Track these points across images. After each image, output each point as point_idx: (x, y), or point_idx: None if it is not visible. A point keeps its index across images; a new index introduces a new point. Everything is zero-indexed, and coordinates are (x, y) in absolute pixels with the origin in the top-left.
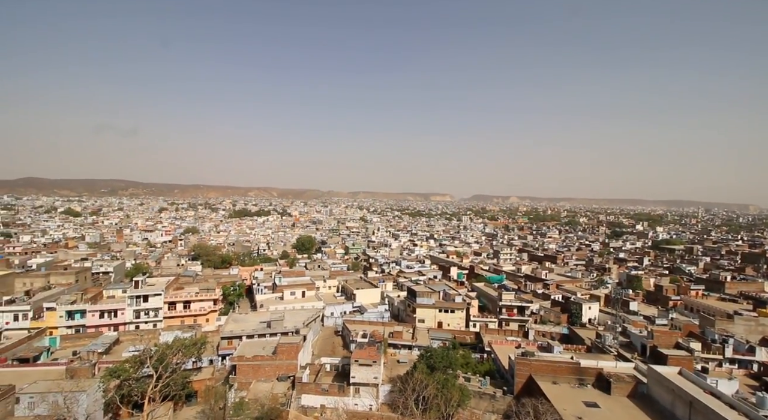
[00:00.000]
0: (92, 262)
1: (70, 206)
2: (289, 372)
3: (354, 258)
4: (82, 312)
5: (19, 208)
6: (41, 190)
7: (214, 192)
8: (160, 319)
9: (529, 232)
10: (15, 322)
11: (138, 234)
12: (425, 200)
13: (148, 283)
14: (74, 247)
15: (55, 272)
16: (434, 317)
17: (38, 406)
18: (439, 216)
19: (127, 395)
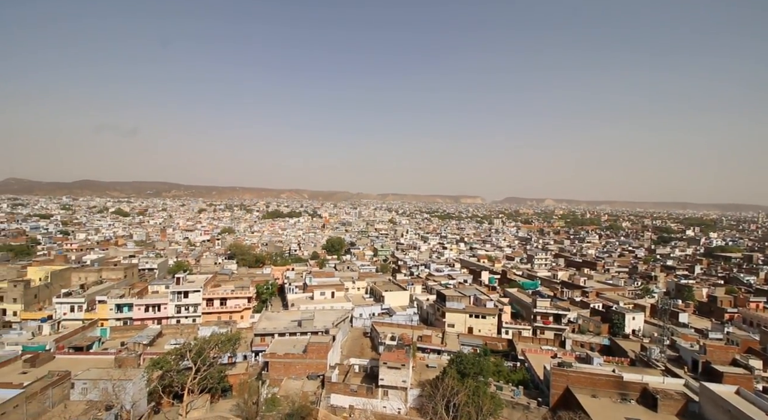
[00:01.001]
0: (139, 259)
1: (120, 207)
2: (319, 371)
3: (383, 260)
4: (129, 305)
5: (75, 209)
6: (95, 192)
7: (249, 194)
8: (199, 315)
9: (566, 237)
10: (71, 312)
11: (179, 233)
12: (455, 202)
13: (188, 280)
14: (123, 244)
15: (107, 268)
16: (464, 322)
17: (90, 392)
18: (470, 219)
19: (169, 386)
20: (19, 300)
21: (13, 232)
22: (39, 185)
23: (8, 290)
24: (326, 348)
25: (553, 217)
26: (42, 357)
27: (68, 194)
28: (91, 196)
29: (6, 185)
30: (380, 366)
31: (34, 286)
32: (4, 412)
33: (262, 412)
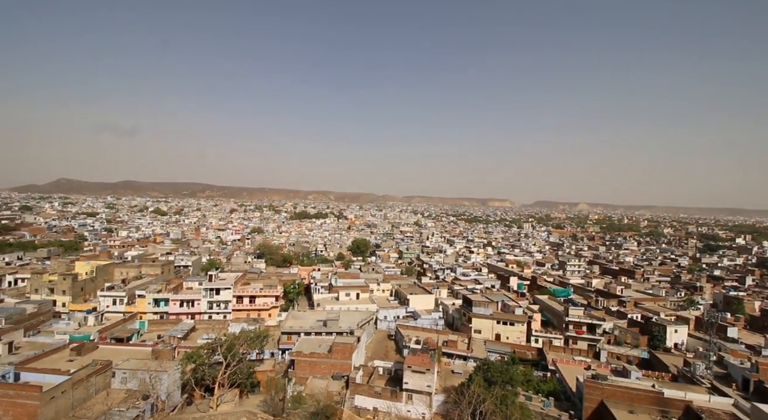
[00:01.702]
0: (175, 256)
1: (158, 206)
2: (343, 371)
3: (408, 263)
4: (165, 300)
5: (118, 208)
6: (136, 192)
7: (278, 195)
8: (230, 311)
9: (601, 243)
10: (113, 305)
11: (212, 232)
12: (482, 206)
13: (219, 277)
14: (161, 242)
15: (146, 264)
16: (491, 328)
17: (129, 382)
18: (498, 222)
19: (201, 379)
20: (68, 292)
21: (63, 229)
22: (87, 185)
23: (59, 283)
24: (351, 349)
25: (587, 222)
26: (87, 346)
27: (112, 194)
28: (133, 196)
29: (57, 185)
30: (405, 369)
31: (81, 279)
32: (53, 396)
33: (289, 409)
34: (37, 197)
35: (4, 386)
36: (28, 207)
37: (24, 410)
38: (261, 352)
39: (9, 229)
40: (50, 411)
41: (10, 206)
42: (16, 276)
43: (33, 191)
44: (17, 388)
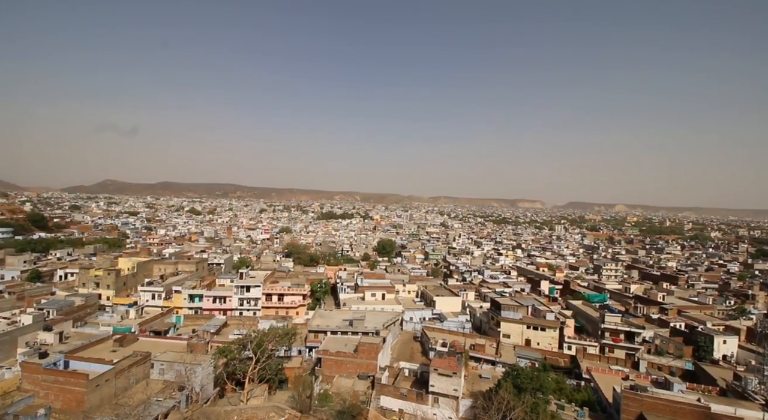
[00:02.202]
0: (208, 254)
1: (193, 206)
2: (369, 371)
3: (434, 264)
4: (200, 296)
5: (157, 207)
6: (174, 192)
7: (305, 195)
8: (259, 308)
9: (640, 247)
10: (152, 300)
11: (243, 231)
12: (512, 207)
13: (250, 275)
14: (195, 240)
15: (182, 261)
16: (521, 333)
17: (166, 373)
18: (528, 224)
19: (232, 373)
20: (112, 286)
21: (107, 227)
22: (129, 186)
23: (103, 278)
24: (376, 349)
25: (624, 224)
26: (128, 338)
27: (152, 194)
28: (170, 196)
29: (103, 186)
30: (431, 372)
31: (123, 275)
32: (98, 384)
33: (315, 406)
34: (84, 197)
35: (55, 373)
36: (77, 206)
37: (72, 396)
38: (289, 349)
39: (60, 227)
40: (95, 398)
41: (62, 206)
42: (66, 270)
43: (81, 192)
44: (67, 375)
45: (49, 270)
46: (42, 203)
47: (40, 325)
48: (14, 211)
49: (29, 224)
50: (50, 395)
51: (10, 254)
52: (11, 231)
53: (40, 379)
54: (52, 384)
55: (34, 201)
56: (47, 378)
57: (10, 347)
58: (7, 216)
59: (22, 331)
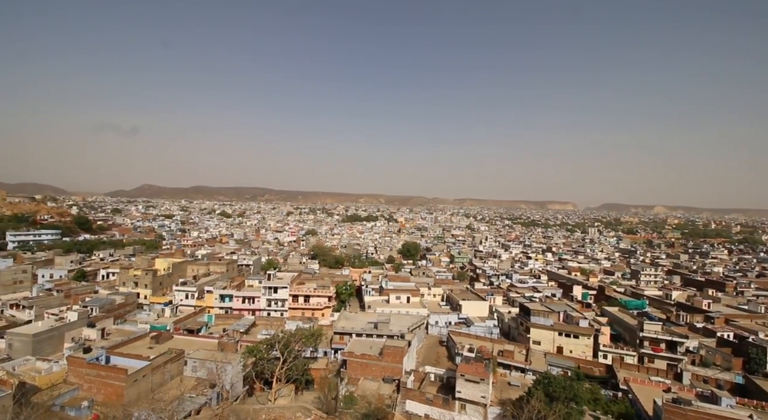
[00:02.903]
0: (238, 256)
1: (224, 209)
2: (394, 375)
3: (459, 267)
4: (230, 296)
5: (191, 210)
6: (206, 196)
7: (330, 198)
8: (286, 309)
9: (682, 250)
10: (186, 299)
11: (271, 234)
12: (541, 208)
13: (277, 276)
14: (226, 242)
15: (213, 262)
16: (552, 340)
17: (199, 370)
18: (559, 227)
19: (260, 372)
20: (149, 286)
21: (145, 229)
22: (165, 190)
23: (141, 277)
24: (402, 353)
25: (665, 227)
26: (164, 336)
27: (185, 198)
28: (203, 199)
29: (141, 190)
30: (457, 378)
31: (159, 275)
32: (136, 379)
33: (341, 408)
34: (125, 201)
35: (97, 367)
36: (118, 210)
37: (113, 390)
38: (315, 350)
39: (103, 229)
40: (133, 392)
41: (104, 209)
42: (108, 270)
43: (122, 196)
44: (108, 369)
45: (92, 270)
46: (87, 207)
47: (85, 321)
48: (62, 214)
49: (75, 226)
50: (93, 388)
51: (58, 255)
52: (59, 233)
53: (83, 372)
54: (95, 378)
55: (80, 205)
56: (90, 372)
57: (57, 342)
58: (56, 219)
59: (68, 327)
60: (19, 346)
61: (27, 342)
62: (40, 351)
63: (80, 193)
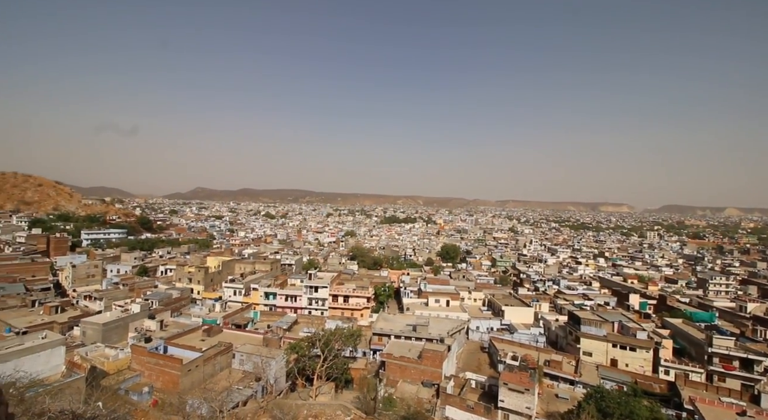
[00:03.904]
0: (281, 255)
1: (268, 210)
2: (433, 379)
3: (502, 271)
4: (274, 294)
5: (238, 212)
6: (252, 198)
7: (369, 200)
8: (326, 309)
9: (759, 258)
10: (234, 295)
11: (311, 234)
12: (592, 210)
13: (318, 276)
14: (270, 242)
15: (258, 261)
16: (605, 352)
17: (245, 364)
18: (612, 230)
19: (302, 369)
20: (201, 282)
21: (198, 229)
22: (216, 193)
23: (195, 274)
24: (441, 357)
25: (738, 232)
26: (214, 329)
27: (234, 200)
28: (249, 201)
29: (195, 193)
30: (500, 386)
31: (211, 272)
32: (190, 369)
33: (380, 409)
34: (181, 203)
35: (156, 356)
36: (175, 211)
37: (170, 378)
38: (354, 349)
39: (162, 229)
40: (188, 381)
41: (162, 210)
42: (166, 267)
43: (178, 198)
44: (166, 358)
45: (153, 266)
46: (148, 208)
47: (146, 313)
48: (128, 215)
49: (139, 226)
50: (153, 375)
51: (124, 252)
52: (125, 232)
53: (145, 360)
54: (154, 366)
55: (143, 206)
56: (150, 360)
57: (123, 331)
58: (122, 219)
59: (132, 318)
60: (91, 333)
61: (97, 330)
62: (108, 339)
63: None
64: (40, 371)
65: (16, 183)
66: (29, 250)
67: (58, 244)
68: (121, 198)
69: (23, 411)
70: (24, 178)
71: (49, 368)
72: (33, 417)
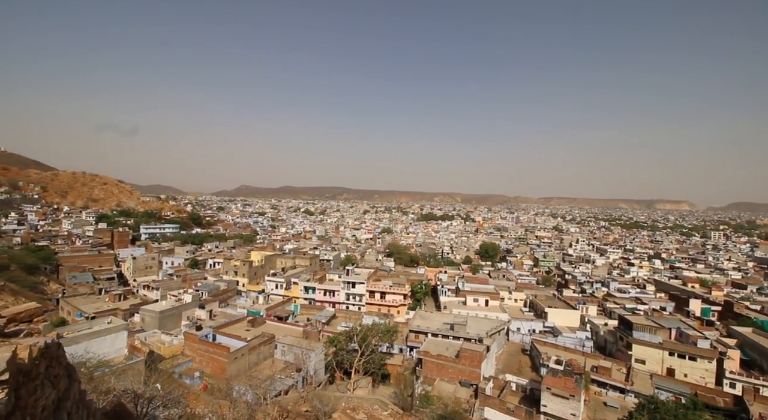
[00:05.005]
0: (319, 251)
1: (307, 207)
2: (471, 379)
3: (545, 272)
4: (313, 288)
5: (279, 208)
6: (292, 195)
7: (405, 197)
8: (363, 304)
9: None
10: (275, 289)
11: (349, 231)
12: (647, 208)
13: (355, 272)
14: (309, 238)
15: (298, 256)
16: (661, 360)
17: (287, 354)
18: (670, 229)
19: (340, 362)
20: (246, 275)
21: (243, 225)
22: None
23: (240, 267)
24: (480, 357)
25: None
26: (258, 321)
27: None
28: (289, 198)
29: (239, 190)
30: (543, 390)
31: (254, 266)
32: (236, 357)
33: (417, 406)
34: (227, 200)
35: (206, 343)
36: (222, 208)
37: (218, 364)
38: (391, 346)
39: (210, 224)
40: (234, 368)
41: (210, 207)
42: (215, 260)
43: (224, 195)
44: (215, 346)
45: (203, 259)
46: (198, 205)
47: (197, 303)
48: (180, 211)
49: (190, 222)
50: (203, 361)
51: (177, 245)
52: (178, 227)
53: (196, 347)
54: (204, 352)
55: (193, 203)
56: (201, 347)
57: (176, 319)
58: (176, 215)
59: (184, 307)
60: (149, 320)
61: (155, 317)
62: (164, 326)
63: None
64: (106, 353)
65: (84, 182)
66: (96, 242)
67: (120, 238)
68: (174, 195)
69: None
70: (91, 177)
71: (114, 351)
72: (100, 394)
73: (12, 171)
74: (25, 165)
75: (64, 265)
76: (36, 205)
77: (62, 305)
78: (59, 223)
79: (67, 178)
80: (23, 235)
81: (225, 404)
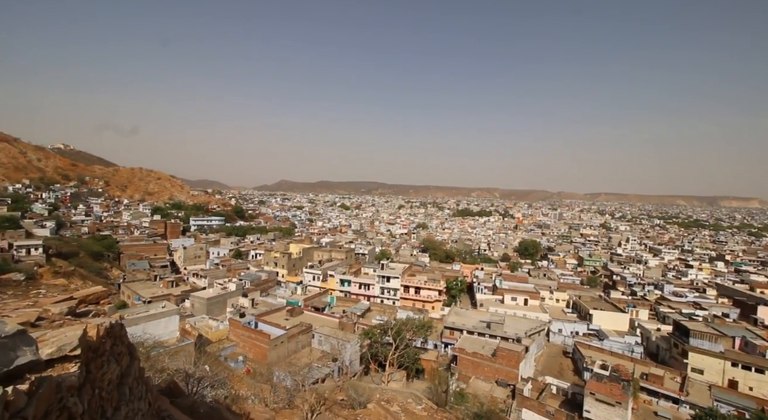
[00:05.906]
0: (355, 245)
1: (343, 202)
2: (508, 379)
3: (591, 272)
4: (348, 281)
5: (316, 203)
6: (328, 190)
7: (441, 192)
8: (398, 298)
9: None
10: (312, 280)
11: (383, 226)
12: (709, 206)
13: (390, 266)
14: (345, 232)
15: (334, 249)
16: (721, 371)
17: (323, 344)
18: (737, 229)
19: (375, 355)
20: (285, 267)
21: (282, 218)
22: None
23: (279, 259)
24: (518, 357)
25: None
26: (296, 311)
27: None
28: (326, 193)
29: (279, 185)
30: (586, 395)
31: (293, 258)
32: (276, 344)
33: (451, 402)
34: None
35: (249, 330)
36: (263, 201)
37: (259, 350)
38: (425, 341)
39: (252, 217)
40: (274, 354)
41: (252, 200)
42: (256, 251)
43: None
44: (257, 333)
45: (245, 250)
46: (241, 199)
47: (240, 292)
48: (225, 205)
49: (234, 214)
50: (246, 347)
51: (222, 237)
52: (224, 219)
53: (239, 333)
54: (247, 338)
55: (237, 197)
56: (244, 333)
57: (222, 306)
58: (221, 208)
59: (229, 295)
60: (198, 306)
61: (203, 304)
62: (211, 312)
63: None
64: (160, 335)
65: (141, 177)
66: (151, 233)
67: (172, 229)
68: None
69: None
70: (147, 172)
71: (167, 333)
72: (156, 372)
73: (80, 167)
74: (90, 161)
75: (125, 253)
76: (100, 198)
77: (123, 289)
78: (120, 214)
79: (126, 173)
80: (90, 225)
81: (266, 388)
